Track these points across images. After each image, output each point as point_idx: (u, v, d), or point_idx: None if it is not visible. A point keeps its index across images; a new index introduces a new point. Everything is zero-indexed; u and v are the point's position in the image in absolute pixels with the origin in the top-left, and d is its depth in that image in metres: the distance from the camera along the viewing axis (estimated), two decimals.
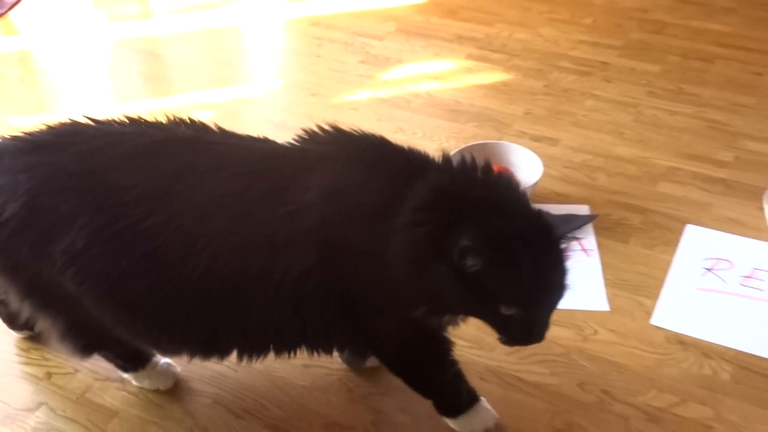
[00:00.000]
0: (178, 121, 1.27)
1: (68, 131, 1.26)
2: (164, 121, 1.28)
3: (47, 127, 1.27)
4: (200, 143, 1.24)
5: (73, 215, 1.16)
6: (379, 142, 1.25)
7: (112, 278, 1.18)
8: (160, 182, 1.18)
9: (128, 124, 1.27)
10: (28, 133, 1.26)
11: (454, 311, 1.17)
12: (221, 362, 1.37)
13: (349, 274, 1.18)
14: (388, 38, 2.60)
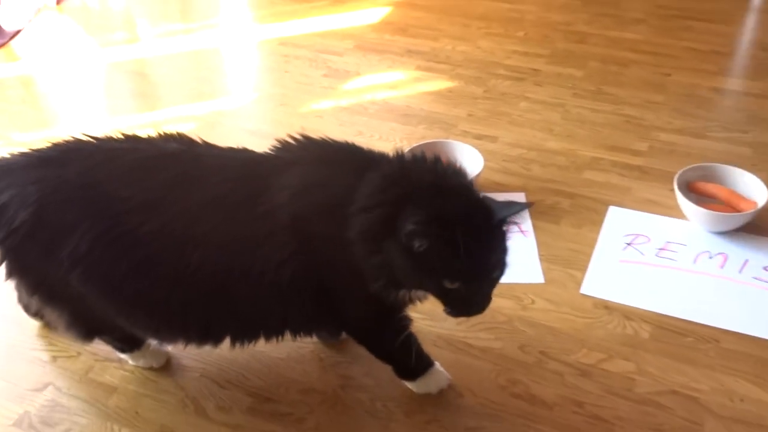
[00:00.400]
0: (168, 136, 1.27)
1: (71, 148, 1.25)
2: (156, 136, 1.27)
3: (52, 144, 1.26)
4: (187, 156, 1.24)
5: (76, 223, 1.16)
6: (340, 145, 1.26)
7: (113, 278, 1.18)
8: (153, 193, 1.18)
9: (124, 140, 1.27)
10: (34, 149, 1.25)
11: (406, 285, 1.16)
12: (216, 348, 1.36)
13: (319, 260, 1.19)
14: (347, 54, 2.59)
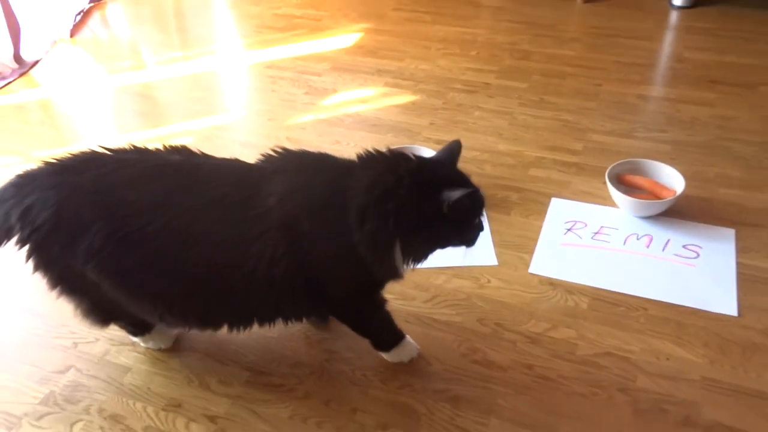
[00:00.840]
0: (171, 148, 1.27)
1: (87, 158, 1.25)
2: (161, 148, 1.27)
3: (71, 154, 1.26)
4: (187, 166, 1.23)
5: (90, 222, 1.15)
6: (316, 154, 1.27)
7: (122, 270, 1.18)
8: (156, 197, 1.18)
9: (133, 151, 1.26)
10: (56, 159, 1.24)
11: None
12: (215, 332, 1.35)
13: (309, 254, 1.18)
14: (324, 74, 2.58)
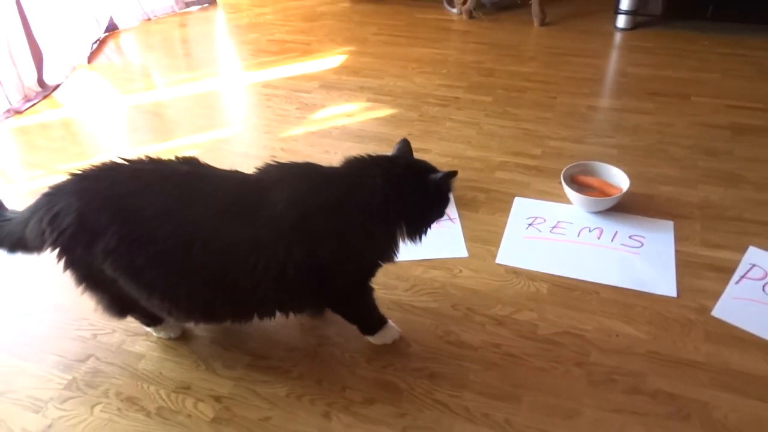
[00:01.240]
0: (182, 159, 1.25)
1: (106, 168, 1.23)
2: (173, 159, 1.25)
3: (92, 166, 1.24)
4: (195, 176, 1.22)
5: (108, 225, 1.13)
6: (305, 164, 1.26)
7: (133, 268, 1.16)
8: (167, 203, 1.16)
9: (147, 162, 1.24)
10: (80, 170, 1.23)
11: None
12: (219, 326, 1.33)
13: (322, 251, 1.17)
14: (314, 92, 2.56)
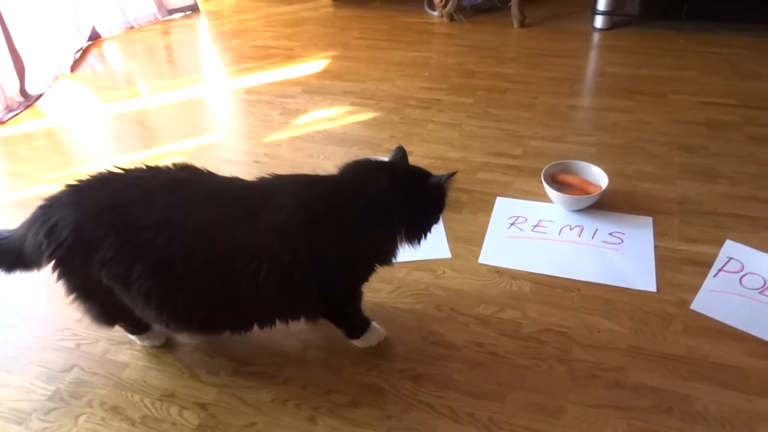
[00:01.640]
0: (180, 166, 1.23)
1: (103, 178, 1.21)
2: (170, 166, 1.22)
3: (89, 176, 1.22)
4: (195, 182, 1.20)
5: (104, 236, 1.11)
6: (302, 174, 1.27)
7: (130, 278, 1.13)
8: (164, 212, 1.13)
9: (145, 170, 1.22)
10: (76, 180, 1.21)
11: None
12: (217, 337, 1.32)
13: (330, 253, 1.16)
14: (297, 97, 2.54)
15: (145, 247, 1.11)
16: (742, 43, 2.80)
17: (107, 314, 1.29)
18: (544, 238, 1.70)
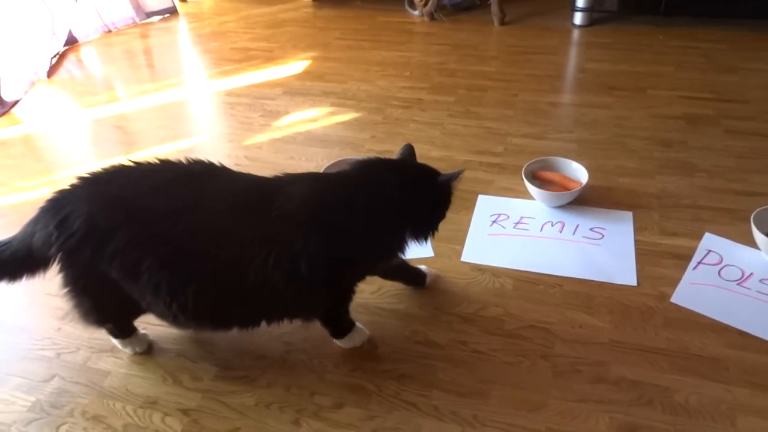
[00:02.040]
0: (194, 160, 1.23)
1: (115, 170, 1.20)
2: (183, 159, 1.22)
3: (102, 169, 1.21)
4: (206, 176, 1.20)
5: (116, 227, 1.11)
6: (316, 172, 1.33)
7: (140, 268, 1.12)
8: (177, 203, 1.14)
9: (158, 163, 1.22)
10: (89, 172, 1.20)
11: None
12: (225, 334, 1.32)
13: (340, 245, 1.16)
14: (278, 98, 2.54)
15: (157, 237, 1.11)
16: (718, 36, 2.84)
17: (97, 313, 1.27)
18: (525, 234, 1.71)
